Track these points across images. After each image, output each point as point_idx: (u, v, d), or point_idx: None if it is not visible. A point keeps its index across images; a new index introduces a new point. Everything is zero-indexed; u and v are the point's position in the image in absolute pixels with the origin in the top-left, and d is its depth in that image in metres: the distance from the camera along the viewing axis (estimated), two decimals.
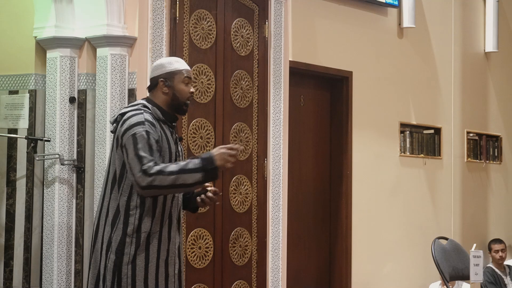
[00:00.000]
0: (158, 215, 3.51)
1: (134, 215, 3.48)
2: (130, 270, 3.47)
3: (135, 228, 3.47)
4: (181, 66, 3.65)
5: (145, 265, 3.48)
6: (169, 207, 3.56)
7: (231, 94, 5.25)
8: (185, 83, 3.62)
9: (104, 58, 4.90)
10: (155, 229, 3.50)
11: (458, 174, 8.09)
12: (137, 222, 3.47)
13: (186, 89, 3.62)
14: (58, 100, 4.96)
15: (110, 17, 4.92)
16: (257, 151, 5.42)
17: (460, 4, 8.16)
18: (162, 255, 3.53)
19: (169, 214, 3.57)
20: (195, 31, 5.05)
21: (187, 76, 3.63)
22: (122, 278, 3.47)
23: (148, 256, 3.49)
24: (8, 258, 5.05)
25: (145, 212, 3.48)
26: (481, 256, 5.10)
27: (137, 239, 3.47)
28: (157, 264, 3.51)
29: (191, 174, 3.37)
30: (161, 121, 3.58)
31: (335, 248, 6.86)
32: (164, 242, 3.54)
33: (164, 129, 3.57)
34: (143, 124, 3.46)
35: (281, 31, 5.57)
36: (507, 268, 7.81)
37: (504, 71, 8.84)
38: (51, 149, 4.95)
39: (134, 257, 3.47)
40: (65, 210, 4.93)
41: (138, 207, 3.48)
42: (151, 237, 3.49)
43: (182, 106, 3.62)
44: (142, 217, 3.48)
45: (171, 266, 3.58)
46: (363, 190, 6.94)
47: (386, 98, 7.27)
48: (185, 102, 3.62)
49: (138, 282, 3.47)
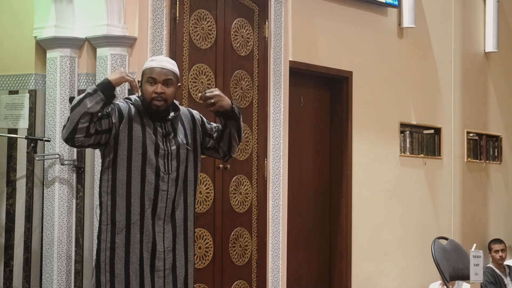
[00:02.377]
0: (135, 205, 3.52)
1: (106, 202, 3.55)
2: (108, 257, 3.52)
3: (108, 214, 3.53)
4: (150, 65, 3.61)
5: (125, 254, 3.51)
6: (150, 199, 3.54)
7: (231, 94, 5.25)
8: (149, 83, 3.57)
9: (104, 58, 4.90)
10: (134, 219, 3.51)
11: (458, 174, 8.09)
12: (110, 209, 3.53)
13: (149, 89, 3.56)
14: (58, 100, 4.96)
15: (110, 17, 4.92)
16: (257, 151, 5.43)
17: (460, 4, 8.16)
18: (146, 247, 3.52)
19: (153, 208, 3.54)
20: (195, 31, 5.05)
21: (150, 76, 3.57)
22: (101, 264, 3.54)
23: (129, 245, 3.51)
24: (8, 258, 5.05)
25: (119, 201, 3.52)
26: (481, 256, 5.09)
27: (113, 227, 3.52)
28: (141, 256, 3.51)
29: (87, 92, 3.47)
30: (143, 114, 3.58)
31: (335, 248, 6.86)
32: (147, 234, 3.53)
33: (144, 121, 3.57)
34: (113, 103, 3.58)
35: (281, 31, 5.57)
36: (507, 268, 7.81)
37: (504, 71, 8.83)
38: (51, 149, 4.95)
39: (112, 244, 3.51)
40: (65, 210, 4.93)
41: (110, 194, 3.54)
42: (131, 227, 3.51)
43: (150, 106, 3.57)
44: (114, 204, 3.52)
45: (159, 260, 3.55)
46: (363, 190, 6.94)
47: (386, 98, 7.27)
48: (149, 102, 3.56)
49: (117, 270, 3.50)
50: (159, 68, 3.58)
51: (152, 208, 3.54)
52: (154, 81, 3.56)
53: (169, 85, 3.58)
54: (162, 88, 3.56)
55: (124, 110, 3.56)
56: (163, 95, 3.56)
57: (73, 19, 5.03)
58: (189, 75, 5.01)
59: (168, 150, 3.59)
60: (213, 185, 5.13)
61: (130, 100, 3.63)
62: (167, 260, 3.59)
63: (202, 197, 5.08)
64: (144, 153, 3.54)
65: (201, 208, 5.06)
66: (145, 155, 3.54)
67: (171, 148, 3.60)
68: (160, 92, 3.55)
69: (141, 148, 3.54)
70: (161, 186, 3.56)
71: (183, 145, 3.65)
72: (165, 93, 3.56)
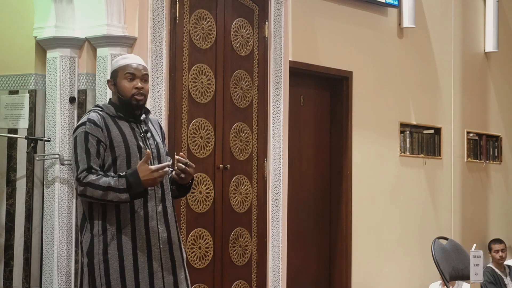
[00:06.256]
0: (124, 210, 3.47)
1: (97, 214, 3.48)
2: (103, 269, 3.45)
3: (100, 227, 3.47)
4: (124, 62, 3.59)
5: (119, 263, 3.45)
6: (141, 202, 3.49)
7: (231, 94, 5.25)
8: (127, 79, 3.55)
9: (104, 58, 4.90)
10: (124, 224, 3.46)
11: (458, 174, 8.09)
12: (101, 221, 3.47)
13: (128, 85, 3.54)
14: (58, 100, 4.96)
15: (110, 17, 4.91)
16: (257, 151, 5.43)
17: (460, 4, 8.16)
18: (141, 251, 3.48)
19: (143, 206, 3.50)
20: (195, 31, 5.05)
21: (128, 72, 3.55)
22: (96, 278, 3.46)
23: (122, 253, 3.45)
24: (8, 258, 5.05)
25: (109, 209, 3.47)
26: (481, 256, 5.10)
27: (104, 237, 3.46)
28: (135, 260, 3.47)
29: (117, 194, 3.39)
30: (117, 117, 3.56)
31: (335, 248, 6.86)
32: (140, 237, 3.48)
33: (119, 124, 3.54)
34: (84, 124, 3.49)
35: (281, 31, 5.57)
36: (507, 268, 7.81)
37: (504, 71, 8.84)
38: (51, 149, 4.95)
39: (105, 256, 3.45)
40: (65, 210, 4.93)
41: (100, 205, 3.47)
42: (122, 233, 3.46)
43: (130, 101, 3.55)
44: (105, 214, 3.47)
45: (156, 261, 3.51)
46: (363, 190, 6.94)
47: (386, 98, 7.27)
48: (130, 98, 3.54)
49: (113, 282, 3.44)
50: (135, 64, 3.59)
51: (144, 208, 3.50)
52: (133, 77, 3.56)
53: (146, 81, 3.60)
54: (141, 83, 3.57)
55: (100, 123, 3.51)
56: (142, 90, 3.56)
57: (73, 19, 5.03)
58: (189, 75, 5.00)
59: (156, 150, 3.60)
60: (213, 185, 5.13)
61: (99, 108, 3.59)
62: (165, 260, 3.54)
63: (202, 197, 5.08)
64: (128, 155, 3.51)
65: (201, 208, 5.06)
66: (129, 157, 3.51)
67: (151, 148, 3.58)
68: (140, 87, 3.55)
69: (125, 151, 3.51)
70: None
71: (161, 145, 3.64)
72: (144, 88, 3.57)
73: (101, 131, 3.49)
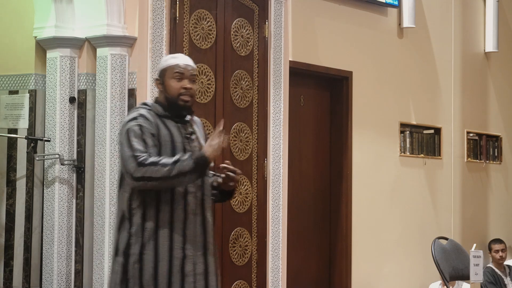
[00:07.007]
0: (164, 211, 3.43)
1: (136, 214, 3.43)
2: (137, 270, 3.42)
3: (139, 227, 3.42)
4: (173, 62, 3.56)
5: (154, 264, 3.41)
6: (181, 204, 3.46)
7: (231, 94, 5.25)
8: (176, 79, 3.52)
9: (104, 58, 4.90)
10: (162, 225, 3.42)
11: (458, 174, 8.09)
12: (140, 221, 3.43)
13: (176, 84, 3.51)
14: (58, 100, 4.96)
15: (110, 17, 4.92)
16: (257, 151, 5.43)
17: (460, 4, 8.16)
18: (176, 253, 3.43)
19: (184, 211, 3.46)
20: (195, 31, 5.05)
21: (177, 71, 3.52)
22: (130, 279, 3.43)
23: (158, 254, 3.41)
24: (8, 258, 5.05)
25: (148, 210, 3.43)
26: (481, 256, 5.09)
27: (142, 238, 3.42)
28: (170, 263, 3.43)
29: (183, 164, 3.34)
30: (164, 117, 3.53)
31: (335, 248, 6.86)
32: (177, 240, 3.44)
33: (167, 124, 3.51)
34: (136, 119, 3.45)
35: (281, 31, 5.57)
36: (507, 268, 7.81)
37: (504, 71, 8.83)
38: (51, 149, 4.95)
39: (141, 256, 3.42)
40: (65, 210, 4.93)
41: (141, 204, 3.43)
42: (159, 235, 3.42)
43: (176, 102, 3.51)
44: (145, 215, 3.42)
45: (189, 265, 3.48)
46: (363, 190, 6.94)
47: (386, 98, 7.27)
48: (176, 98, 3.51)
49: (145, 283, 3.40)
50: (184, 64, 3.56)
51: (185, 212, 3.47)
52: (181, 77, 3.52)
53: (194, 82, 3.57)
54: (189, 84, 3.54)
55: (151, 119, 3.48)
56: (191, 90, 3.53)
57: (73, 19, 5.03)
58: None
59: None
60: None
61: (147, 105, 3.56)
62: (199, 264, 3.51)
63: None
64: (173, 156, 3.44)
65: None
66: None
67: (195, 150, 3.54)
68: (188, 88, 3.52)
69: (171, 152, 3.46)
70: (189, 188, 3.49)
71: None
72: (192, 88, 3.54)
73: (153, 127, 3.46)
